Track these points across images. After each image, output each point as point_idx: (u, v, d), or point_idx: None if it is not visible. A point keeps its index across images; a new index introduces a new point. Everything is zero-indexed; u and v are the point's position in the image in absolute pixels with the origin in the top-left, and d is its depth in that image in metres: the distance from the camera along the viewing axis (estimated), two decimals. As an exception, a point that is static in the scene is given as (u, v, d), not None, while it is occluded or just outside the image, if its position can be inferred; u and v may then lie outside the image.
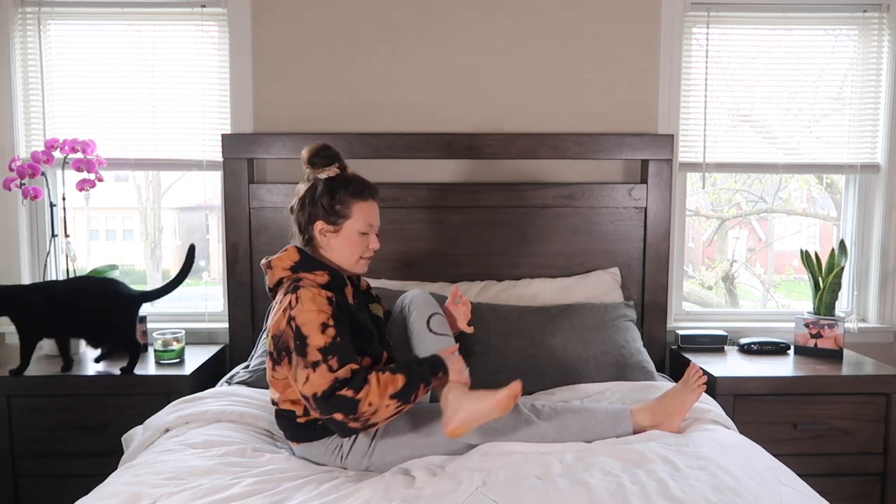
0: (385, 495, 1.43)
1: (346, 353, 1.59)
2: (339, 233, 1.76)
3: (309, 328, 1.59)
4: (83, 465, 2.28)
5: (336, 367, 1.56)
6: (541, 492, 1.44)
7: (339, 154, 1.82)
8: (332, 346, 1.58)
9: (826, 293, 2.58)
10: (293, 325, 1.60)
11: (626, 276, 2.60)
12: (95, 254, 2.87)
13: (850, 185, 2.85)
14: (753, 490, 1.44)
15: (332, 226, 1.76)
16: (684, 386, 1.86)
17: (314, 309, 1.60)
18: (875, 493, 2.36)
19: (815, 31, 2.72)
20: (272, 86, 2.63)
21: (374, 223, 1.80)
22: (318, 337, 1.58)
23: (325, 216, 1.75)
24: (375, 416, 1.55)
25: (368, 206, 1.78)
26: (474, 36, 2.63)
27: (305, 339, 1.58)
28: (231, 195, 2.55)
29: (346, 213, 1.76)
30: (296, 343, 1.59)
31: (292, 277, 1.70)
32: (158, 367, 2.36)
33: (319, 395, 1.55)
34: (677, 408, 1.82)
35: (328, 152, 1.79)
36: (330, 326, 1.60)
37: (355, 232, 1.76)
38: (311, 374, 1.55)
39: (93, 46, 2.66)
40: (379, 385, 1.55)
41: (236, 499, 1.41)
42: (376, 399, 1.54)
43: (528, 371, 2.19)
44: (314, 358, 1.56)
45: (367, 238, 1.79)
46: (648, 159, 2.56)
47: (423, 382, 1.60)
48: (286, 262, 1.72)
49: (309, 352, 1.57)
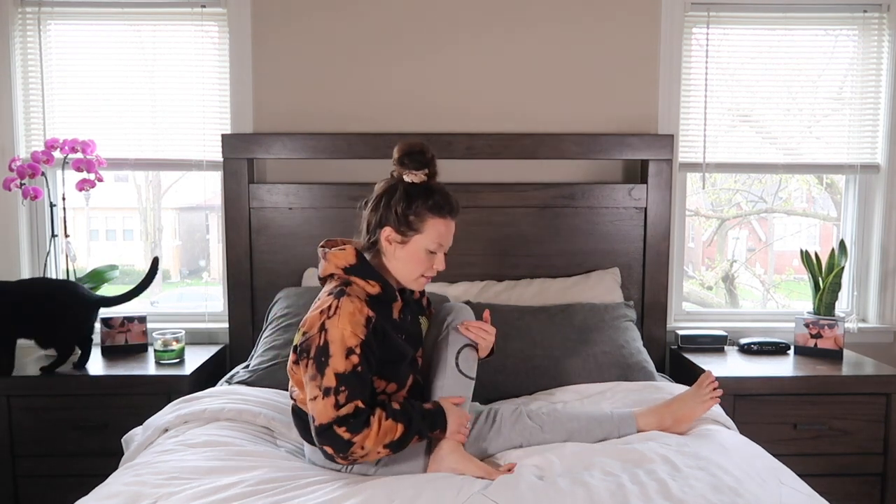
0: (386, 496, 1.43)
1: (357, 388, 1.51)
2: (405, 245, 1.62)
3: (336, 347, 1.50)
4: (83, 465, 2.28)
5: (342, 402, 1.49)
6: (541, 492, 1.44)
7: (434, 158, 1.66)
8: (348, 375, 1.50)
9: (826, 293, 2.58)
10: (324, 335, 1.52)
11: (626, 276, 2.60)
12: (95, 254, 2.87)
13: (850, 186, 2.85)
14: (753, 490, 1.44)
15: (401, 235, 1.62)
16: (696, 393, 1.82)
17: (348, 329, 1.51)
18: (875, 493, 2.36)
19: (815, 31, 2.72)
20: (272, 86, 2.63)
21: (444, 243, 1.65)
22: (340, 360, 1.50)
23: (396, 224, 1.61)
24: (364, 458, 1.51)
25: (444, 224, 1.63)
26: (474, 36, 2.63)
27: (329, 357, 1.50)
28: (231, 195, 2.55)
29: (419, 226, 1.61)
30: (318, 354, 1.52)
31: (343, 278, 1.60)
32: (158, 367, 2.36)
33: (317, 425, 1.50)
34: (685, 415, 1.80)
35: (423, 157, 1.63)
36: (355, 353, 1.51)
37: (423, 248, 1.62)
38: (319, 399, 1.50)
39: (93, 46, 2.66)
40: (378, 433, 1.49)
41: (237, 499, 1.41)
42: (370, 445, 1.49)
43: (527, 371, 2.19)
44: (329, 383, 1.49)
45: (434, 257, 1.64)
46: (648, 159, 2.56)
47: (419, 435, 1.56)
48: (342, 261, 1.61)
49: (326, 372, 1.50)
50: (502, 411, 1.76)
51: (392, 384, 1.64)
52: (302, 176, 2.66)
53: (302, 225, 2.57)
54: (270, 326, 2.36)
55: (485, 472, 1.56)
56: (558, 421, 1.75)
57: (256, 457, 1.65)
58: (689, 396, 1.83)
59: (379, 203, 1.64)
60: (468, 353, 1.70)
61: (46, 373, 2.27)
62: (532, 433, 1.73)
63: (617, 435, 1.77)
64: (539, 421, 1.75)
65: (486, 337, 1.72)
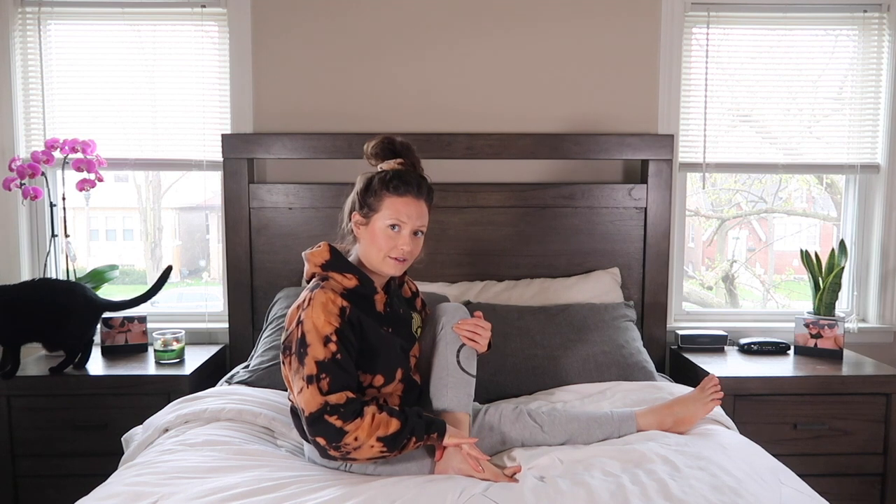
0: (387, 496, 1.43)
1: (340, 375, 1.52)
2: (367, 226, 1.66)
3: (312, 336, 1.53)
4: (83, 465, 2.28)
5: (326, 389, 1.50)
6: (541, 493, 1.44)
7: (409, 149, 1.73)
8: (328, 363, 1.51)
9: (826, 293, 2.58)
10: (300, 327, 1.55)
11: (626, 276, 2.60)
12: (95, 254, 2.87)
13: (850, 186, 2.85)
14: (753, 490, 1.44)
15: (363, 217, 1.67)
16: (699, 396, 1.83)
17: (321, 317, 1.54)
18: (875, 493, 2.36)
19: (815, 31, 2.72)
20: (272, 86, 2.63)
21: (405, 220, 1.64)
22: (318, 348, 1.52)
23: (359, 207, 1.67)
24: (357, 452, 1.50)
25: (403, 202, 1.64)
26: (475, 36, 2.63)
27: (307, 346, 1.53)
28: (231, 195, 2.55)
29: (377, 205, 1.65)
30: (298, 347, 1.54)
31: (321, 275, 1.64)
32: (158, 367, 2.36)
33: (307, 416, 1.50)
34: (687, 416, 1.80)
35: (390, 146, 1.72)
36: (332, 342, 1.53)
37: (382, 226, 1.64)
38: (305, 389, 1.51)
39: (93, 46, 2.66)
40: (372, 423, 1.49)
41: (237, 498, 1.41)
42: (363, 436, 1.48)
43: (527, 371, 2.19)
44: (310, 371, 1.51)
45: (397, 236, 1.64)
46: (648, 159, 2.56)
47: (416, 437, 1.54)
48: (318, 259, 1.65)
49: (307, 362, 1.52)
50: (503, 410, 1.77)
51: (378, 377, 1.64)
52: (302, 176, 2.66)
53: (302, 225, 2.57)
54: (270, 326, 2.36)
55: (491, 473, 1.56)
56: (558, 421, 1.76)
57: (257, 456, 1.65)
58: (691, 398, 1.83)
59: (350, 193, 1.72)
60: (468, 351, 1.70)
61: (55, 373, 2.28)
62: (532, 432, 1.73)
63: (617, 435, 1.77)
64: (539, 420, 1.75)
65: (483, 333, 1.73)
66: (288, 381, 1.64)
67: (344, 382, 1.53)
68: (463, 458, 1.57)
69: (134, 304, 2.39)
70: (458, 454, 1.57)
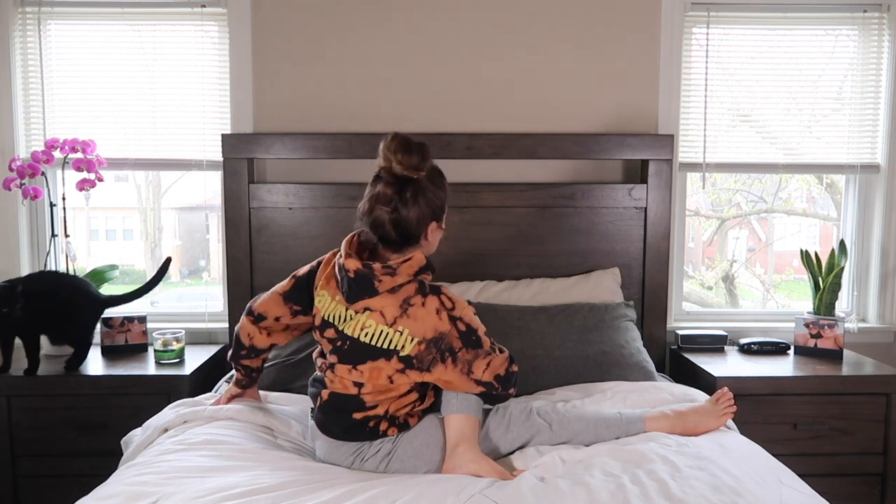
0: (388, 495, 1.43)
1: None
2: (440, 230, 1.74)
3: (475, 321, 1.66)
4: (83, 465, 2.28)
5: (502, 349, 1.69)
6: (541, 493, 1.44)
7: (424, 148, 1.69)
8: (487, 332, 1.68)
9: (826, 293, 2.58)
10: (461, 323, 1.63)
11: (626, 276, 2.60)
12: (95, 254, 2.87)
13: (850, 186, 2.85)
14: (754, 490, 1.44)
15: (439, 223, 1.73)
16: (713, 409, 1.84)
17: (462, 301, 1.66)
18: (875, 493, 2.36)
19: (815, 31, 2.72)
20: (272, 86, 2.63)
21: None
22: (479, 324, 1.67)
23: (440, 214, 1.71)
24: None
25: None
26: (475, 36, 2.63)
27: (475, 331, 1.64)
28: (231, 195, 2.55)
29: (446, 209, 1.76)
30: (466, 338, 1.63)
31: (415, 280, 1.63)
32: (158, 367, 2.36)
33: (503, 375, 1.65)
34: (699, 427, 1.81)
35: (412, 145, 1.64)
36: (477, 315, 1.69)
37: (440, 229, 1.75)
38: (493, 359, 1.65)
39: (93, 46, 2.66)
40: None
41: (237, 497, 1.41)
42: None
43: (528, 371, 2.18)
44: (487, 344, 1.65)
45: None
46: (648, 159, 2.56)
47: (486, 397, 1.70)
48: (415, 267, 1.62)
49: (483, 341, 1.65)
50: (511, 408, 1.77)
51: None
52: (302, 176, 2.66)
53: (302, 225, 2.57)
54: (270, 326, 2.35)
55: (499, 473, 1.57)
56: (566, 420, 1.76)
57: (257, 456, 1.65)
58: (705, 410, 1.84)
59: (416, 200, 1.62)
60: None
61: (71, 370, 2.28)
62: (540, 431, 1.73)
63: (625, 437, 1.77)
64: (548, 419, 1.75)
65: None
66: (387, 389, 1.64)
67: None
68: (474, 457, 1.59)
69: (135, 297, 2.40)
70: (467, 454, 1.59)
